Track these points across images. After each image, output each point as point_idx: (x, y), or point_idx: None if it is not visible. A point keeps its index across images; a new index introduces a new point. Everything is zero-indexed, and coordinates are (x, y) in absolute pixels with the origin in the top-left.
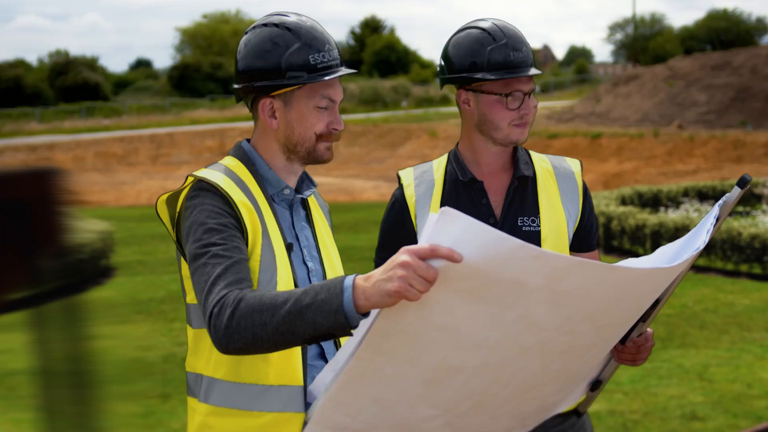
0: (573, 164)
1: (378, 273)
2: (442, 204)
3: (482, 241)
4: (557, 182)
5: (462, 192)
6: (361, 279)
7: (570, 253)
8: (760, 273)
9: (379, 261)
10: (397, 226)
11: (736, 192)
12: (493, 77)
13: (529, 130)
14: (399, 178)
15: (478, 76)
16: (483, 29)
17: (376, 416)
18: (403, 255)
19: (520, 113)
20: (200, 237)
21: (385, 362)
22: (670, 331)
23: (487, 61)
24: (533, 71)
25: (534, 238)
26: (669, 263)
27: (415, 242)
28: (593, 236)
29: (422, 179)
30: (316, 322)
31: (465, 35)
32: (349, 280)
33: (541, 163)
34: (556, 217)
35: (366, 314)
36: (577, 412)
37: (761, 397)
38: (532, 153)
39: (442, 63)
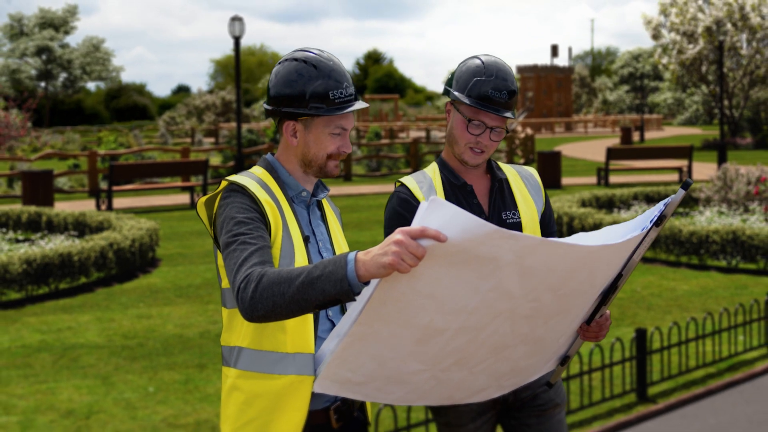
0: (531, 169)
1: (376, 249)
2: None
3: (464, 225)
4: (524, 183)
5: (457, 193)
6: (362, 254)
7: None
8: (698, 263)
9: None
10: (405, 218)
11: (681, 193)
12: (465, 101)
13: (485, 158)
14: (402, 184)
15: (456, 95)
16: (483, 62)
17: (373, 370)
18: (397, 234)
19: (477, 140)
20: (231, 228)
21: (382, 326)
22: (622, 312)
23: (470, 88)
24: (504, 114)
25: (516, 227)
26: (615, 241)
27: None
28: (554, 223)
29: (423, 183)
30: (325, 290)
31: (474, 60)
32: (352, 254)
33: (507, 169)
34: (529, 209)
35: (366, 283)
36: (548, 383)
37: (699, 367)
38: (498, 162)
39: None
